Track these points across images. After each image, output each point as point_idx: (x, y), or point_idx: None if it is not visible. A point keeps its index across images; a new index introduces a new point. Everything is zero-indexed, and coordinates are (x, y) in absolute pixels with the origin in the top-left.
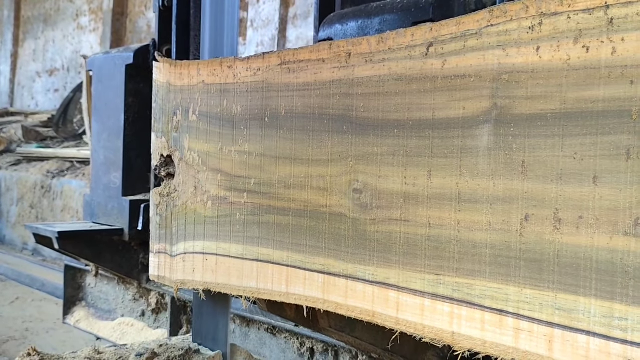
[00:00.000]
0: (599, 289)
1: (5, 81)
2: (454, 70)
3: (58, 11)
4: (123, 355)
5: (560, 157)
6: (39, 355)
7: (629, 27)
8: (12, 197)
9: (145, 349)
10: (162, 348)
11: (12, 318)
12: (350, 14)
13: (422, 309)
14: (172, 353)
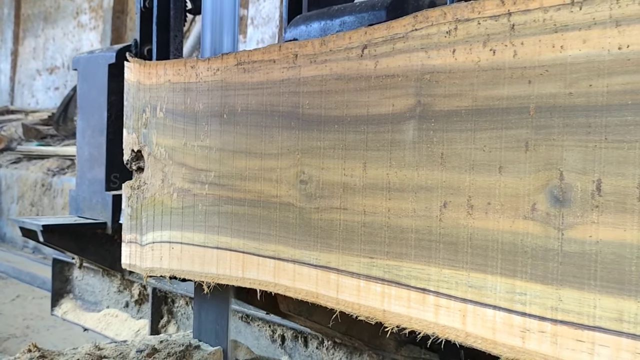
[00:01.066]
0: (503, 267)
1: (6, 79)
2: (385, 70)
3: (58, 9)
4: (123, 351)
5: (472, 149)
6: (39, 352)
7: (527, 32)
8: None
9: (146, 344)
10: (163, 344)
11: (12, 316)
12: (314, 16)
13: (358, 289)
14: (172, 349)
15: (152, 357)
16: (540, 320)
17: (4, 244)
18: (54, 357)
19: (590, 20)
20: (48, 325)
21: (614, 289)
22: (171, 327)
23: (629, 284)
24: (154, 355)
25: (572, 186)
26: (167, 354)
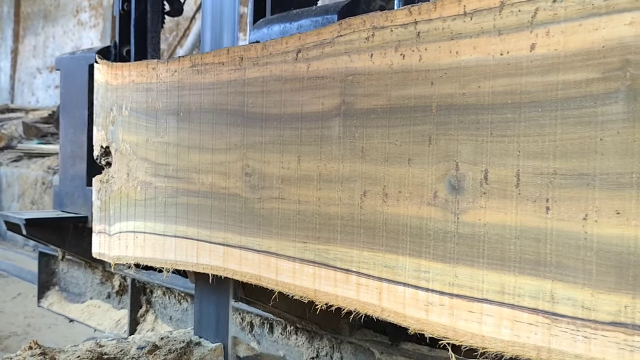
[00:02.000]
0: (412, 249)
1: (6, 77)
2: (316, 72)
3: (58, 7)
4: (124, 348)
5: (387, 143)
6: (40, 349)
7: (430, 39)
8: (13, 194)
9: (147, 341)
10: (164, 341)
11: (13, 313)
12: (275, 19)
13: (294, 271)
14: (173, 345)
15: (153, 354)
16: (441, 294)
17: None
18: (55, 354)
19: (479, 29)
20: (49, 323)
21: (497, 265)
22: (149, 316)
23: (508, 261)
24: (154, 352)
25: (465, 175)
26: (167, 351)
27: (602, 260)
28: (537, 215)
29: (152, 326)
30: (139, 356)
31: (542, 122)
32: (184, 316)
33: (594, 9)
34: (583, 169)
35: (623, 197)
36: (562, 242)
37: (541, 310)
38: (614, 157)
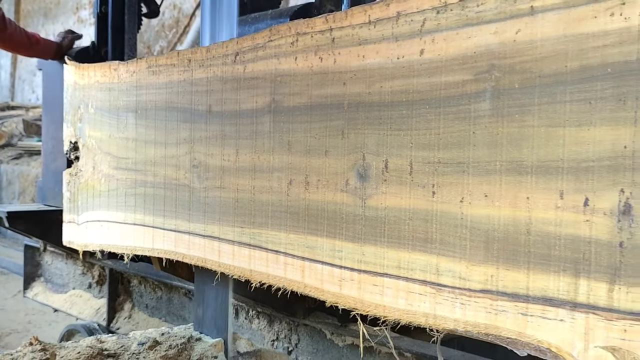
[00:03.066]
0: (329, 231)
1: (6, 75)
2: (251, 73)
3: (58, 4)
4: (125, 344)
5: (308, 137)
6: (41, 345)
7: (342, 44)
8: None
9: (147, 337)
10: (164, 336)
11: (14, 311)
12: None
13: (233, 253)
14: (173, 341)
15: (154, 349)
16: (351, 271)
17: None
18: (55, 350)
19: (381, 36)
20: (50, 320)
21: (395, 243)
22: (127, 304)
23: (403, 239)
24: (155, 348)
25: (370, 165)
26: (168, 347)
27: (474, 237)
28: (425, 199)
29: (129, 314)
30: (140, 352)
31: (429, 117)
32: (159, 304)
33: (468, 19)
34: (460, 158)
35: (490, 182)
36: (444, 221)
37: (429, 282)
38: (482, 147)
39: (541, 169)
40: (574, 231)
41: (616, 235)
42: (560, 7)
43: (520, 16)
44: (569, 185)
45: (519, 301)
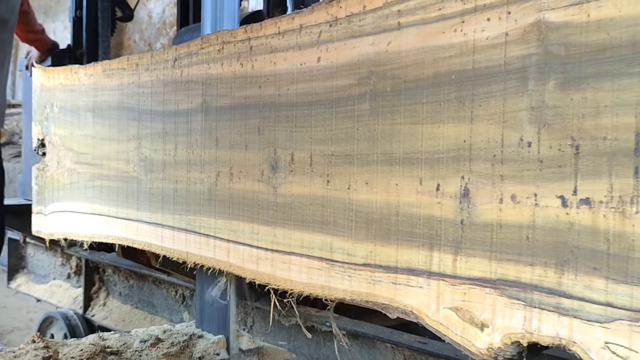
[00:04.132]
0: (248, 216)
1: None
2: (187, 77)
3: (58, 2)
4: (127, 341)
5: (232, 134)
6: (43, 342)
7: (258, 52)
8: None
9: (149, 335)
10: (166, 334)
11: (16, 308)
12: (192, 29)
13: (173, 238)
14: (176, 338)
15: (156, 347)
16: (266, 250)
17: None
18: (57, 347)
19: (288, 45)
20: None
21: (300, 225)
22: (102, 292)
23: (306, 222)
24: (157, 345)
25: (280, 158)
26: (170, 344)
27: (358, 218)
28: (322, 187)
29: (104, 302)
30: (142, 349)
31: (325, 116)
32: (131, 292)
33: (352, 32)
34: (347, 151)
35: (369, 172)
36: (336, 206)
37: (324, 258)
38: (364, 142)
39: (406, 160)
40: (429, 212)
41: (459, 214)
42: (419, 23)
43: (391, 30)
44: (426, 173)
45: (391, 272)
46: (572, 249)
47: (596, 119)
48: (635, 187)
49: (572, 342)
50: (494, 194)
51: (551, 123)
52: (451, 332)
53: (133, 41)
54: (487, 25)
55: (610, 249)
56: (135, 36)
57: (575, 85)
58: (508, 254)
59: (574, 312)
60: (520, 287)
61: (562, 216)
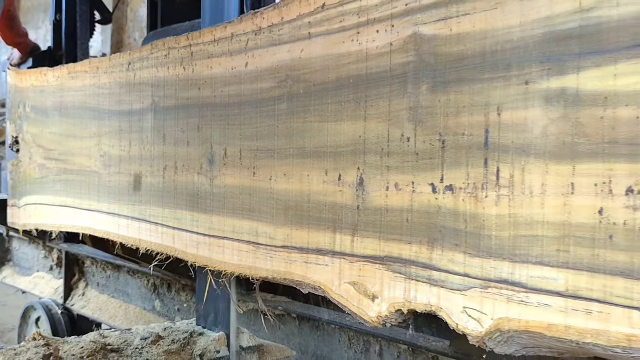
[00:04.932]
0: (190, 205)
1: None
2: (139, 80)
3: None
4: (128, 339)
5: (177, 131)
6: (44, 340)
7: (198, 57)
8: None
9: (150, 332)
10: (167, 331)
11: (16, 307)
12: (159, 33)
13: (128, 226)
14: (176, 336)
15: (157, 344)
16: (204, 236)
17: None
18: (58, 345)
19: (221, 51)
20: None
21: (232, 213)
22: (81, 283)
23: (237, 210)
24: (158, 343)
25: (216, 153)
26: (171, 341)
27: (278, 206)
28: (249, 178)
29: (83, 292)
30: (143, 347)
31: (252, 115)
32: (108, 282)
33: (273, 40)
34: (269, 147)
35: (287, 164)
36: (261, 195)
37: (252, 242)
38: (283, 138)
39: (316, 153)
40: (333, 199)
41: (356, 201)
42: (325, 34)
43: (303, 39)
44: (330, 165)
45: (304, 253)
46: (440, 229)
47: (457, 118)
48: (485, 176)
49: (440, 308)
50: (382, 183)
51: (424, 121)
52: (350, 303)
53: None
54: (376, 37)
55: (467, 228)
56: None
57: (442, 89)
58: (393, 235)
59: (441, 283)
60: (401, 262)
61: (432, 201)
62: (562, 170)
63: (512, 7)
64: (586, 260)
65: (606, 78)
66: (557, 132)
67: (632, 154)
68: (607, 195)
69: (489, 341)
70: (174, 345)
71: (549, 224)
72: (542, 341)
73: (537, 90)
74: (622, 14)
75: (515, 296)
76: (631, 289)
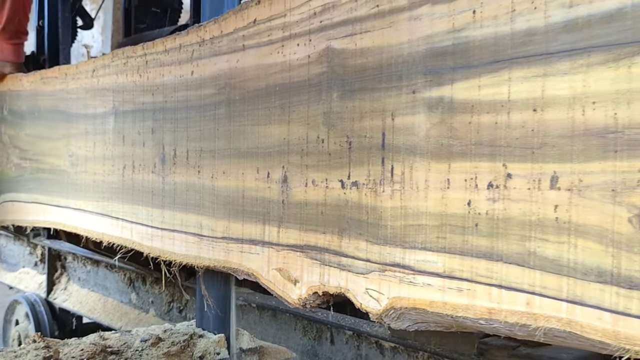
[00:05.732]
0: (144, 201)
1: None
2: (102, 85)
3: None
4: (128, 340)
5: (134, 133)
6: (44, 342)
7: (151, 65)
8: None
9: (150, 334)
10: (167, 333)
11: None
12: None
13: (92, 221)
14: (176, 338)
15: (157, 346)
16: (157, 229)
17: None
18: (58, 347)
19: (172, 60)
20: None
21: (182, 208)
22: (63, 278)
23: (185, 205)
24: (158, 345)
25: (167, 153)
26: (171, 343)
27: (219, 201)
28: (195, 176)
29: (65, 286)
30: (142, 349)
31: (197, 119)
32: (88, 276)
33: (214, 51)
34: (211, 147)
35: (226, 163)
36: (205, 191)
37: (197, 234)
38: (222, 139)
39: (249, 153)
40: (263, 195)
41: (281, 196)
42: (256, 46)
43: (238, 51)
44: (261, 164)
45: (239, 243)
46: (347, 220)
47: (361, 122)
48: (382, 173)
49: (347, 289)
50: (302, 180)
51: (335, 125)
52: (276, 287)
53: None
54: (297, 49)
55: (368, 219)
56: None
57: (349, 96)
58: (310, 226)
59: (348, 267)
60: (317, 250)
61: (341, 196)
62: (440, 168)
63: (402, 26)
64: (458, 245)
65: (472, 89)
66: (436, 134)
67: (492, 153)
68: (474, 189)
69: (385, 317)
70: (174, 347)
71: (430, 214)
72: (427, 316)
73: (421, 99)
74: (484, 34)
75: (405, 278)
76: (491, 269)
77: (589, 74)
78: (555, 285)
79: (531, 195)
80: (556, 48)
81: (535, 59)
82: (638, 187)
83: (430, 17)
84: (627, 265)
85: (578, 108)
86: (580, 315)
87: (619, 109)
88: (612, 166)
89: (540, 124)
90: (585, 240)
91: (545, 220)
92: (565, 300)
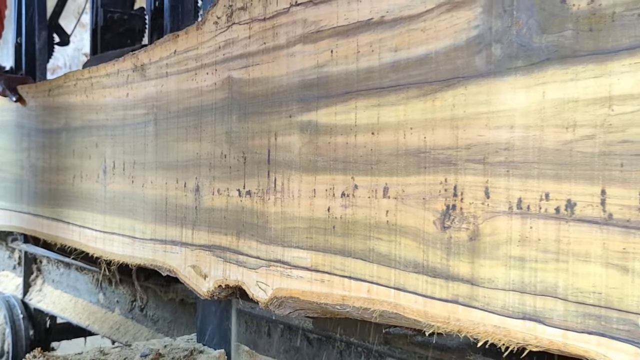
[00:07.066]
0: (92, 207)
1: None
2: (57, 104)
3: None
4: (128, 355)
5: (82, 147)
6: (44, 357)
7: (96, 87)
8: None
9: (150, 349)
10: (167, 349)
11: None
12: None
13: (49, 225)
14: (176, 354)
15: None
16: (101, 232)
17: None
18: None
19: (111, 83)
20: None
21: (119, 214)
22: (39, 280)
23: (122, 211)
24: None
25: (108, 165)
26: (171, 359)
27: (148, 207)
28: (130, 185)
29: (40, 288)
30: None
31: (130, 135)
32: (61, 279)
33: (145, 77)
34: (142, 160)
35: (153, 174)
36: (137, 199)
37: (130, 236)
38: (151, 153)
39: (172, 165)
40: (181, 202)
41: (194, 203)
42: (176, 73)
43: (163, 77)
44: (180, 175)
45: (163, 244)
46: (244, 223)
47: (253, 140)
48: (268, 184)
49: (243, 282)
50: (210, 189)
51: (234, 142)
52: (191, 282)
53: None
54: (207, 77)
55: (258, 223)
56: None
57: (244, 119)
58: (216, 228)
59: (244, 264)
60: (221, 249)
61: (239, 203)
62: (309, 180)
63: (283, 61)
64: (322, 244)
65: (331, 115)
66: (306, 152)
67: (345, 168)
68: (332, 198)
69: (270, 305)
70: None
71: (302, 219)
72: (301, 304)
73: (296, 122)
74: (339, 70)
75: (284, 272)
76: (344, 263)
77: (408, 105)
78: (387, 275)
79: (371, 203)
80: (387, 83)
81: (373, 92)
82: (439, 196)
83: (302, 54)
84: (432, 259)
85: (401, 132)
86: (403, 299)
87: (427, 134)
88: (423, 179)
89: (376, 144)
90: (406, 239)
91: (380, 223)
92: (393, 288)
